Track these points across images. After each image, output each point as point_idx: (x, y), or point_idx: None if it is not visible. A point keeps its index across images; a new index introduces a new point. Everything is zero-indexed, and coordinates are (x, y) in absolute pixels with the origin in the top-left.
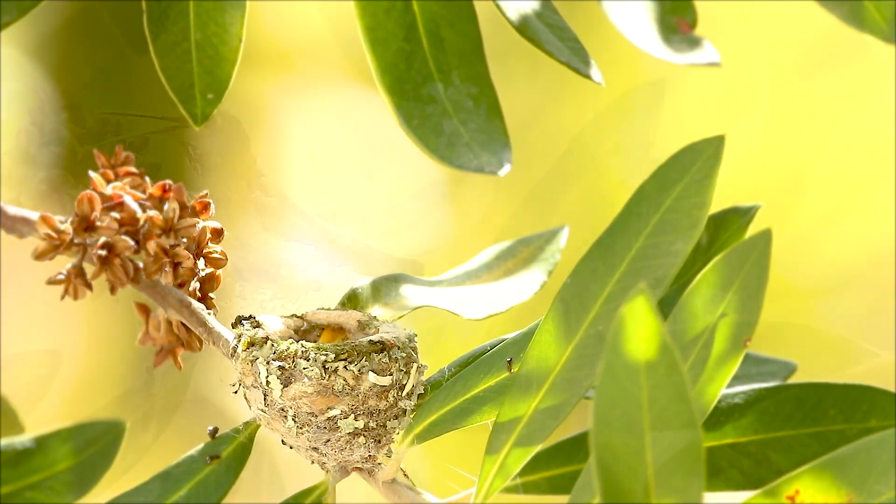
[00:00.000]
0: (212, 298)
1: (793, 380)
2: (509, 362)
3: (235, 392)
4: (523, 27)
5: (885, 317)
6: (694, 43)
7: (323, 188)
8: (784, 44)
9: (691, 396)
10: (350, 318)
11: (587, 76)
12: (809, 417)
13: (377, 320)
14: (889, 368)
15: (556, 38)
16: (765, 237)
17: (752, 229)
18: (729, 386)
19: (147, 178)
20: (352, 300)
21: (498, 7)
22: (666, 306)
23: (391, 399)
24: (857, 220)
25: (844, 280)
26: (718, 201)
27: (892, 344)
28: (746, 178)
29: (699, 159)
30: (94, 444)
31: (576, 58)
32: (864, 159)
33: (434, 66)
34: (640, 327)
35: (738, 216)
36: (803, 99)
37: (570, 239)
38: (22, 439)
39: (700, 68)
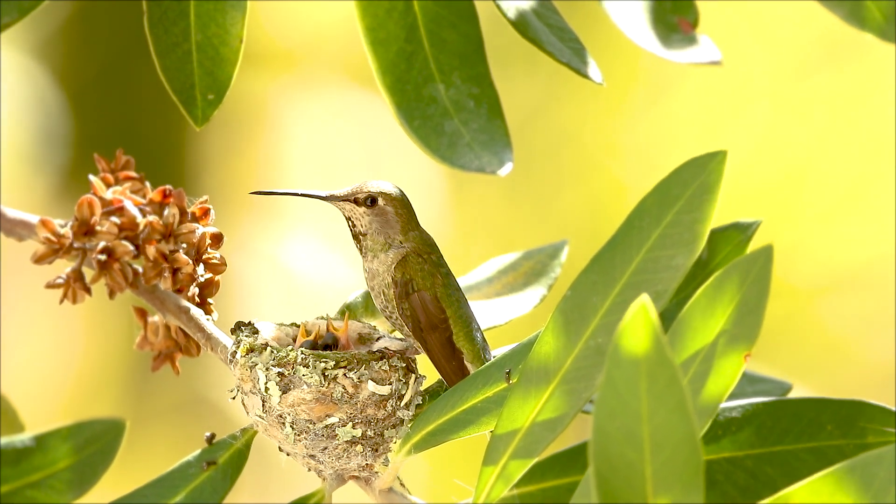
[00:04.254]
0: (210, 304)
1: (792, 383)
2: (507, 373)
3: (233, 398)
4: (524, 28)
5: (885, 317)
6: (695, 42)
7: (322, 188)
8: (784, 44)
9: (692, 409)
10: (349, 328)
11: (588, 77)
12: (807, 432)
13: (377, 330)
14: (889, 368)
15: (556, 38)
16: (766, 253)
17: (754, 236)
18: (725, 402)
19: (147, 183)
20: (349, 311)
21: (499, 8)
22: (666, 320)
23: (389, 408)
24: (856, 220)
25: (844, 280)
26: (718, 204)
27: (892, 344)
28: (746, 179)
29: (701, 174)
30: (94, 443)
31: (576, 58)
32: (864, 159)
33: (435, 67)
34: (641, 340)
35: (739, 231)
36: (803, 99)
37: (569, 238)
38: (22, 438)
39: (700, 68)
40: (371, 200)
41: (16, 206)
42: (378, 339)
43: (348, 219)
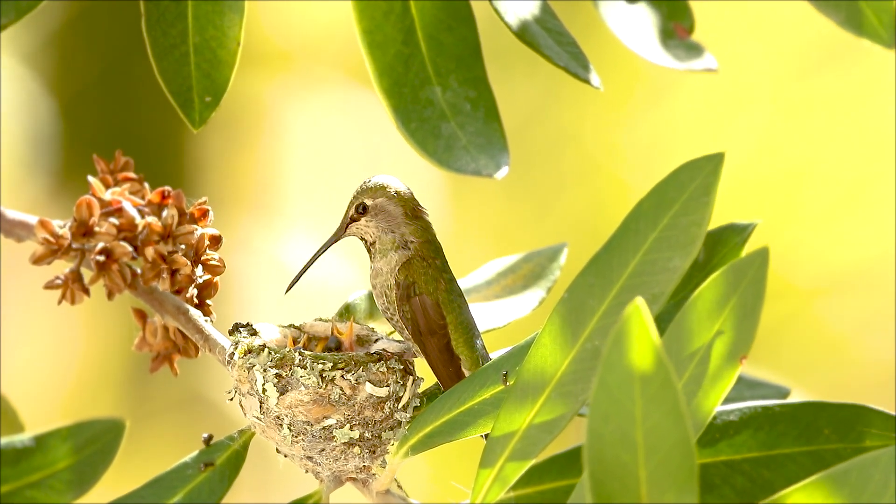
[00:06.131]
0: (209, 305)
1: (792, 385)
2: (505, 375)
3: (231, 399)
4: (522, 32)
5: (885, 317)
6: (691, 48)
7: (322, 188)
8: (783, 45)
9: (686, 412)
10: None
11: (586, 81)
12: (804, 436)
13: (375, 332)
14: (889, 368)
15: (554, 42)
16: (762, 255)
17: (751, 238)
18: (723, 405)
19: (146, 184)
20: (348, 312)
21: (496, 11)
22: (663, 322)
23: (387, 410)
24: (857, 220)
25: (844, 280)
26: (718, 204)
27: (892, 344)
28: (746, 180)
29: (698, 176)
30: (93, 443)
31: (575, 62)
32: (864, 159)
33: (432, 70)
34: (635, 342)
35: (736, 233)
36: (803, 100)
37: (569, 239)
38: (22, 438)
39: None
40: (362, 207)
41: (14, 207)
42: (376, 340)
43: (361, 238)
